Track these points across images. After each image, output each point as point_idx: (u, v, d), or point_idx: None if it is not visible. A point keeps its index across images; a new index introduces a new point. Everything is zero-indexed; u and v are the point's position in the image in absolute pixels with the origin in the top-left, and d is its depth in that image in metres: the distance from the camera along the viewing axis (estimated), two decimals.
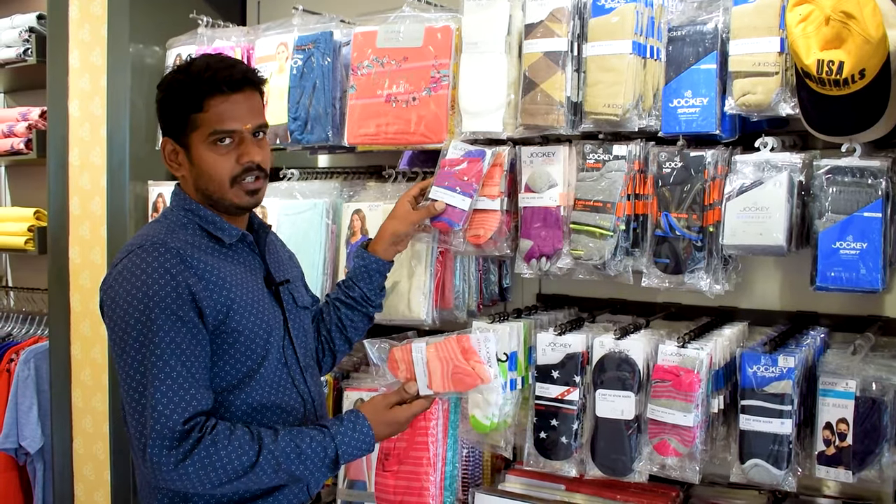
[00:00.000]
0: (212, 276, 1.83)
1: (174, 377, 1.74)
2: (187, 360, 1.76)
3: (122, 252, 1.85)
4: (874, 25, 1.76)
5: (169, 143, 1.93)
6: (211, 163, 1.87)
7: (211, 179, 1.89)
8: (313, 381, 2.10)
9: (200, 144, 1.87)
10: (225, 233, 1.93)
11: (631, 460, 2.15)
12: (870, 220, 1.91)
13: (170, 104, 1.90)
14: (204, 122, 1.85)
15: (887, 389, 1.97)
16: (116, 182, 3.19)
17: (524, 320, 2.40)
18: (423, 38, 2.46)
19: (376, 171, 2.80)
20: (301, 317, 2.10)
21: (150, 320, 1.74)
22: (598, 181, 2.18)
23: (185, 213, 1.93)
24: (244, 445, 1.79)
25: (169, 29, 3.17)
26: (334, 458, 1.91)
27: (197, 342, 1.79)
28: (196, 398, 1.76)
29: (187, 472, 1.74)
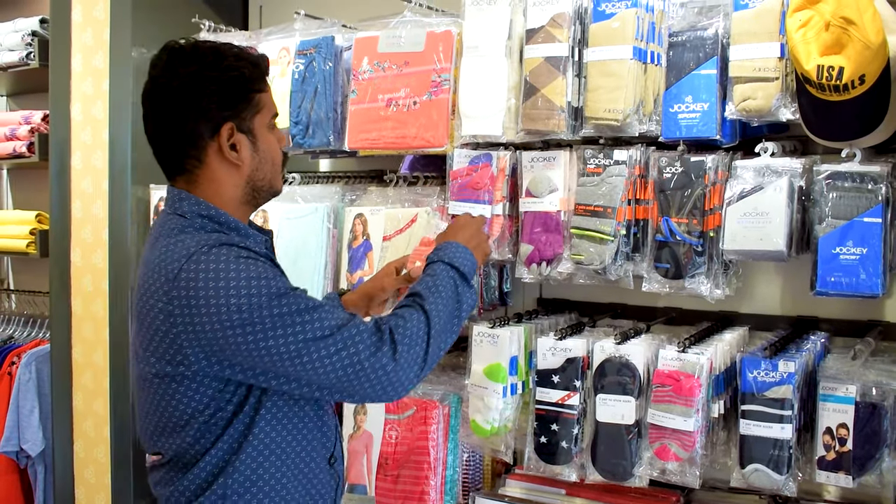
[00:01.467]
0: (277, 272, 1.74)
1: (330, 313, 1.65)
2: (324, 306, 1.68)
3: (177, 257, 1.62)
4: (874, 31, 1.77)
5: (231, 131, 1.72)
6: (272, 146, 1.80)
7: (274, 165, 1.80)
8: None
9: (263, 126, 1.77)
10: (251, 240, 1.76)
11: (631, 465, 2.16)
12: (870, 225, 1.92)
13: (238, 84, 1.72)
14: (267, 103, 1.78)
15: (887, 394, 1.97)
16: (118, 185, 3.19)
17: (525, 325, 2.41)
18: (424, 42, 2.46)
19: (378, 176, 2.80)
20: None
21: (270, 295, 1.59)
22: (599, 186, 2.19)
23: (203, 222, 1.72)
24: (405, 308, 1.75)
25: (171, 33, 3.11)
26: (459, 274, 1.85)
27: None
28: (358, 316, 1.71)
29: (402, 357, 1.65)
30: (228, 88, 1.70)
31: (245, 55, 1.74)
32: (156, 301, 1.62)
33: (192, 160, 1.73)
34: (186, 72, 1.68)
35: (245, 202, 1.79)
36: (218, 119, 1.70)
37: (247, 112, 1.73)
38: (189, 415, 1.66)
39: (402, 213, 2.50)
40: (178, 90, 1.69)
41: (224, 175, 1.74)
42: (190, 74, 1.68)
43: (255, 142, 1.75)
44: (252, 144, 1.75)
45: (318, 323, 1.61)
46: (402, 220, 2.49)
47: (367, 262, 2.55)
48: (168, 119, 1.72)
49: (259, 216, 2.67)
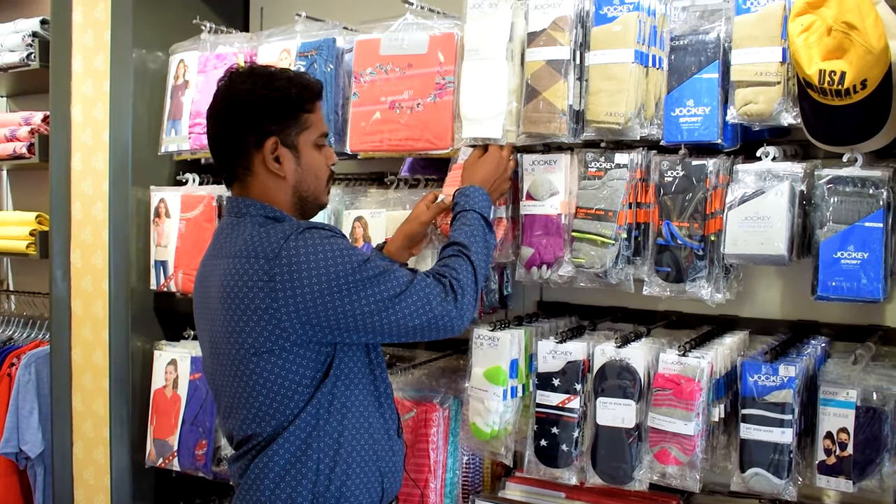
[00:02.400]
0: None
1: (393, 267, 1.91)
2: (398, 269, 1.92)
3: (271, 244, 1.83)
4: (876, 36, 1.77)
5: (275, 144, 1.93)
6: (318, 163, 1.99)
7: (316, 179, 1.99)
8: None
9: (308, 144, 1.96)
10: None
11: (631, 468, 2.16)
12: (871, 230, 1.92)
13: (287, 104, 1.93)
14: (314, 124, 1.97)
15: (888, 399, 1.97)
16: (119, 187, 3.19)
17: (525, 328, 2.41)
18: (427, 45, 2.47)
19: (378, 178, 2.80)
20: None
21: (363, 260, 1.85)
22: (600, 189, 2.19)
23: (267, 221, 1.93)
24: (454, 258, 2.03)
25: (172, 35, 3.17)
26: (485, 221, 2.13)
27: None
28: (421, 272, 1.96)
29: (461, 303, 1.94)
30: (276, 106, 1.91)
31: (298, 79, 1.95)
32: (254, 283, 1.81)
33: (241, 168, 1.95)
34: (242, 89, 1.92)
35: (294, 210, 1.98)
36: (264, 133, 1.91)
37: (292, 129, 1.93)
38: (287, 386, 1.86)
39: (403, 215, 2.48)
40: (233, 105, 1.93)
41: (272, 183, 1.95)
42: (245, 91, 1.91)
43: (298, 156, 1.95)
44: (296, 158, 1.95)
45: (394, 282, 1.86)
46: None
47: None
48: (222, 130, 1.96)
49: None
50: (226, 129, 1.96)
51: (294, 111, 1.94)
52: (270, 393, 1.86)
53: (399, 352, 2.91)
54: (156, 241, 3.12)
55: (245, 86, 1.92)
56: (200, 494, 3.37)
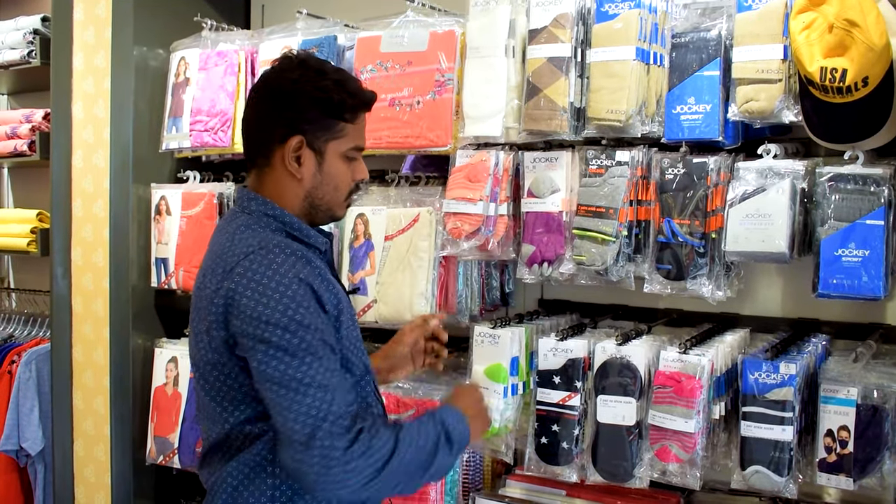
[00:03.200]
0: (325, 280, 1.75)
1: (334, 372, 1.66)
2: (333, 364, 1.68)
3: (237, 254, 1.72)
4: (878, 34, 1.77)
5: (299, 143, 1.79)
6: (341, 175, 1.84)
7: (335, 190, 1.85)
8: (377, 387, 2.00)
9: (337, 153, 1.82)
10: (314, 240, 1.85)
11: (632, 466, 2.16)
12: (872, 227, 1.92)
13: (324, 106, 1.79)
14: (350, 134, 1.83)
15: (889, 397, 1.97)
16: (119, 184, 3.19)
17: (526, 325, 2.41)
18: (427, 42, 2.46)
19: (379, 176, 2.80)
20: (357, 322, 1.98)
21: (299, 323, 1.64)
22: (601, 187, 2.19)
23: (268, 221, 1.81)
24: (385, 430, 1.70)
25: (173, 32, 3.17)
26: (446, 433, 1.79)
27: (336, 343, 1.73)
28: (351, 396, 1.69)
29: (353, 456, 1.62)
30: (313, 106, 1.79)
31: (348, 85, 1.81)
32: (210, 291, 1.73)
33: (262, 158, 1.84)
34: (286, 78, 1.80)
35: (303, 214, 1.85)
36: (293, 129, 1.79)
37: (324, 133, 1.80)
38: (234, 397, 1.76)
39: (404, 212, 2.50)
40: (272, 91, 1.82)
41: (286, 182, 1.82)
42: (289, 81, 1.80)
43: (321, 162, 1.82)
44: (318, 164, 1.82)
45: (313, 371, 1.63)
46: (404, 219, 2.49)
47: (368, 262, 2.55)
48: (254, 115, 1.86)
49: None
50: (257, 114, 1.86)
51: (331, 116, 1.80)
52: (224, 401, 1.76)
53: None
54: (156, 238, 3.12)
55: (291, 75, 1.81)
56: (201, 492, 3.36)
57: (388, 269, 2.50)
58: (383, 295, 2.50)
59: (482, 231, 2.30)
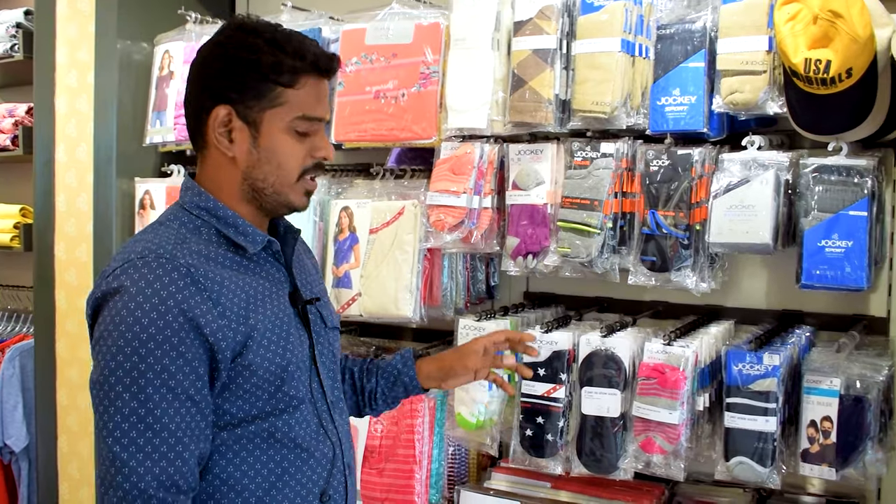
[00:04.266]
0: (228, 299, 1.48)
1: (156, 429, 1.40)
2: (175, 412, 1.41)
3: (118, 260, 1.49)
4: (862, 25, 1.77)
5: (227, 113, 1.53)
6: (286, 150, 1.55)
7: (279, 168, 1.55)
8: (341, 419, 1.71)
9: (277, 125, 1.53)
10: (248, 239, 1.56)
11: (616, 458, 2.16)
12: (855, 218, 1.92)
13: (250, 68, 1.51)
14: (291, 101, 1.53)
15: (871, 387, 1.98)
16: (103, 179, 3.17)
17: (511, 318, 2.41)
18: (412, 34, 2.46)
19: (364, 169, 2.79)
20: (330, 340, 1.73)
21: (138, 354, 1.40)
22: (586, 179, 2.19)
23: (200, 213, 1.56)
24: None
25: (157, 25, 3.16)
26: None
27: (191, 385, 1.43)
28: (176, 460, 1.41)
29: None
30: (239, 68, 1.52)
31: (287, 44, 1.53)
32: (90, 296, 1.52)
33: (199, 137, 1.59)
34: (214, 42, 1.57)
35: (247, 201, 1.58)
36: (219, 97, 1.54)
37: (255, 101, 1.53)
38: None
39: (389, 205, 2.49)
40: (201, 59, 1.58)
41: (222, 163, 1.57)
42: (215, 45, 1.56)
43: (257, 136, 1.54)
44: (253, 138, 1.54)
45: (133, 417, 1.39)
46: (389, 212, 2.48)
47: (353, 255, 2.54)
48: (187, 88, 1.61)
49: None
50: (188, 89, 1.60)
51: (263, 80, 1.52)
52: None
53: (385, 343, 2.90)
54: None
55: (219, 38, 1.56)
56: None
57: (372, 262, 2.49)
58: (368, 288, 2.49)
59: (466, 223, 2.29)
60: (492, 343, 1.90)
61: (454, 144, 2.36)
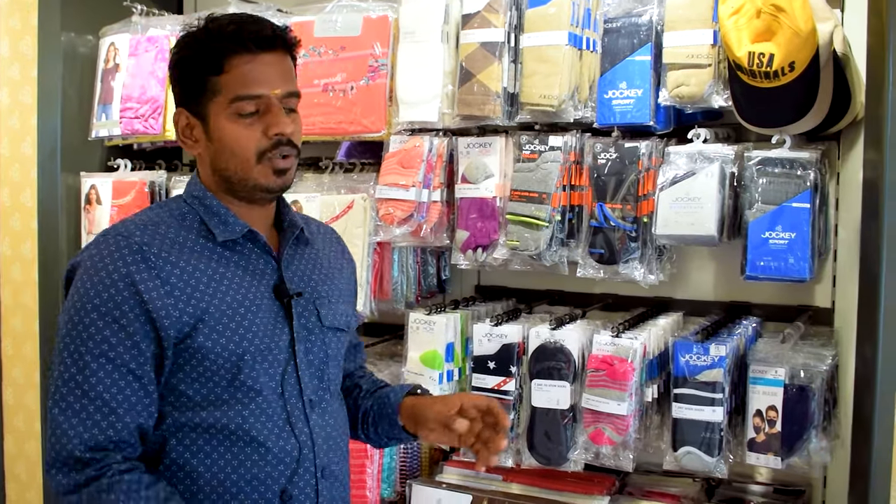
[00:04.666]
0: (181, 280, 1.50)
1: (91, 396, 1.45)
2: (111, 381, 1.46)
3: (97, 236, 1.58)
4: (804, 19, 1.79)
5: (183, 115, 1.59)
6: (233, 136, 1.54)
7: (233, 156, 1.55)
8: (322, 420, 1.64)
9: (220, 114, 1.54)
10: (228, 228, 1.59)
11: (566, 449, 2.17)
12: (799, 210, 1.95)
13: (184, 66, 1.57)
14: (225, 87, 1.53)
15: (815, 377, 2.01)
16: (48, 173, 3.11)
17: (461, 311, 2.40)
18: (361, 27, 2.44)
19: (313, 163, 2.77)
20: (324, 339, 1.68)
21: (83, 323, 1.46)
22: (534, 172, 2.19)
23: (192, 202, 1.61)
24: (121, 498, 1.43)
25: (102, 17, 3.09)
26: None
27: (132, 358, 1.47)
28: (108, 428, 1.45)
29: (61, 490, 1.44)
30: (178, 73, 1.60)
31: (209, 33, 1.54)
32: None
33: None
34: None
35: (225, 192, 1.60)
36: (177, 103, 1.61)
37: (198, 96, 1.56)
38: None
39: (338, 199, 2.47)
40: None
41: (200, 160, 1.63)
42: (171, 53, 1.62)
43: (207, 129, 1.57)
44: (206, 133, 1.58)
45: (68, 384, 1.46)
46: (338, 206, 2.46)
47: None
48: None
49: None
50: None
51: (195, 74, 1.56)
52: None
53: None
54: (87, 228, 3.05)
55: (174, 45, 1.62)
56: None
57: None
58: None
59: (415, 217, 2.29)
60: (472, 405, 1.69)
61: (403, 138, 2.35)
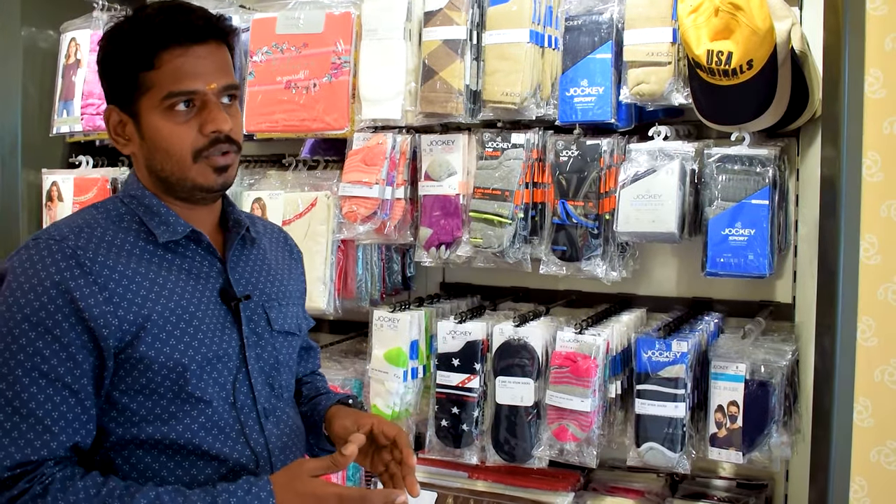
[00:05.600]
0: (120, 285, 1.41)
1: (22, 413, 1.35)
2: (45, 397, 1.37)
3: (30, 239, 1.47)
4: (761, 17, 1.80)
5: (114, 113, 1.50)
6: (166, 134, 1.45)
7: (168, 155, 1.46)
8: (277, 429, 1.57)
9: (152, 111, 1.45)
10: (169, 228, 1.50)
11: (531, 446, 2.17)
12: (758, 207, 1.96)
13: (113, 62, 1.48)
14: (156, 83, 1.44)
15: (775, 372, 2.03)
16: (8, 170, 3.06)
17: (426, 309, 2.40)
18: (323, 24, 2.43)
19: (277, 160, 2.76)
20: (274, 345, 1.60)
21: (12, 335, 1.37)
22: (497, 169, 2.19)
23: (130, 201, 1.52)
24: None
25: (63, 12, 3.06)
26: None
27: (67, 371, 1.38)
28: (41, 448, 1.36)
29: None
30: (106, 68, 1.50)
31: (143, 24, 1.45)
32: None
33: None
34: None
35: (163, 192, 1.52)
36: (108, 99, 1.52)
37: (128, 92, 1.47)
38: None
39: (302, 197, 2.46)
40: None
41: (134, 159, 1.54)
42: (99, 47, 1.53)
43: (139, 127, 1.48)
44: (138, 131, 1.48)
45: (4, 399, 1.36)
46: (302, 204, 2.45)
47: None
48: None
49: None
50: None
51: (125, 70, 1.46)
52: None
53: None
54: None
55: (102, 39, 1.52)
56: None
57: None
58: None
59: (378, 215, 2.28)
60: (381, 430, 1.59)
61: (366, 135, 2.34)
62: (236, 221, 1.61)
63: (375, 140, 2.32)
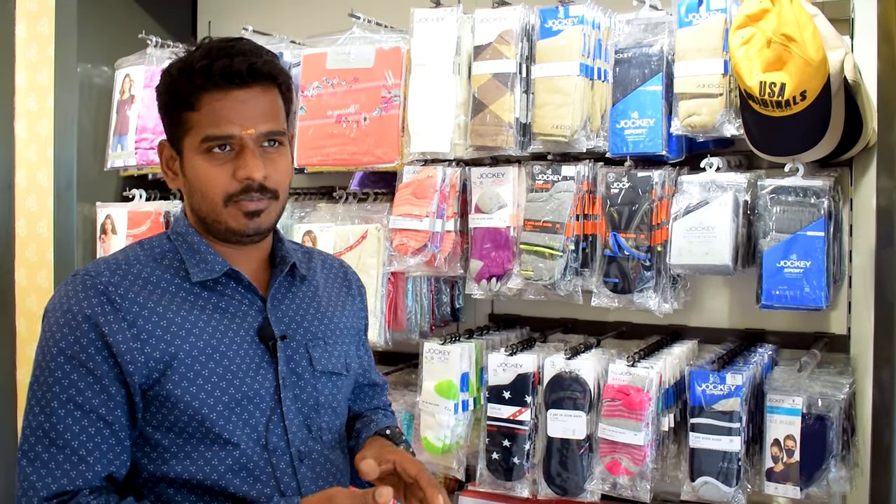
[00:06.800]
0: (150, 322, 1.42)
1: (59, 444, 1.38)
2: (80, 428, 1.39)
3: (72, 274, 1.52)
4: (814, 48, 1.79)
5: (166, 147, 1.53)
6: (202, 175, 1.45)
7: (204, 196, 1.46)
8: (312, 472, 1.54)
9: (193, 151, 1.46)
10: (204, 267, 1.50)
11: (583, 480, 2.16)
12: (813, 238, 1.94)
13: (164, 99, 1.51)
14: (196, 124, 1.45)
15: (832, 406, 2.00)
16: (64, 204, 3.13)
17: (476, 341, 2.40)
18: (373, 59, 2.46)
19: (327, 192, 2.78)
20: (316, 385, 1.57)
21: (49, 367, 1.41)
22: (548, 202, 2.20)
23: (175, 238, 1.53)
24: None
25: (118, 49, 3.13)
26: None
27: (101, 403, 1.40)
28: (77, 478, 1.38)
29: None
30: (161, 101, 1.52)
31: (192, 64, 1.46)
32: None
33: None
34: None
35: (204, 230, 1.52)
36: (165, 131, 1.54)
37: (175, 131, 1.50)
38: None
39: (352, 229, 2.48)
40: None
41: (183, 194, 1.54)
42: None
43: (182, 166, 1.49)
44: (181, 168, 1.50)
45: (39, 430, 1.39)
46: (352, 236, 2.47)
47: None
48: None
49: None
50: None
51: (172, 108, 1.49)
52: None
53: None
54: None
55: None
56: None
57: None
58: None
59: (428, 247, 2.29)
60: (403, 468, 1.50)
61: (416, 168, 2.36)
62: (282, 259, 1.60)
63: (426, 173, 2.33)
